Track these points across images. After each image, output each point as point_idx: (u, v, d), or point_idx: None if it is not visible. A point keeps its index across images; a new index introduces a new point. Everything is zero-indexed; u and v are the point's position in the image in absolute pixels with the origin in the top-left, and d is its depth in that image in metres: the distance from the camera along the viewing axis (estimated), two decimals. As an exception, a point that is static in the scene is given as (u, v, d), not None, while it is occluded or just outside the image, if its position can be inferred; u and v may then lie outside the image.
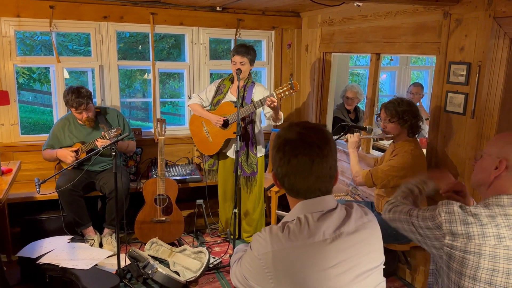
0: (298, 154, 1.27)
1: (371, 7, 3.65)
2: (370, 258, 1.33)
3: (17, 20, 3.79)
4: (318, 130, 1.33)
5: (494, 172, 1.47)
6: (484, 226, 1.39)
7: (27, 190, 3.76)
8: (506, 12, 2.55)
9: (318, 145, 1.28)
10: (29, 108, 11.14)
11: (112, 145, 2.99)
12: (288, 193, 1.37)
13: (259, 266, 1.27)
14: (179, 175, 4.15)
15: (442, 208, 1.45)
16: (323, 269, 1.23)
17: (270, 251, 1.24)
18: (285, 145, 1.30)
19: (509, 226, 1.40)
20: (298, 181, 1.30)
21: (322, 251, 1.24)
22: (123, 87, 11.00)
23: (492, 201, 1.46)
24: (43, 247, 3.30)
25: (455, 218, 1.42)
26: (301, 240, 1.24)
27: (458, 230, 1.40)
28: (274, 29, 4.70)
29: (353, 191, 3.92)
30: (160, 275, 3.11)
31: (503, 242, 1.37)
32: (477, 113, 2.78)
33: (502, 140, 1.49)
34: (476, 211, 1.43)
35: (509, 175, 1.45)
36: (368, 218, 1.39)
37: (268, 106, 3.35)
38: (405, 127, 2.96)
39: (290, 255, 1.24)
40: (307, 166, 1.27)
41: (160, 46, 9.44)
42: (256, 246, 1.29)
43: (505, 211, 1.42)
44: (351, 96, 4.67)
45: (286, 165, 1.29)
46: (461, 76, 2.88)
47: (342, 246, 1.27)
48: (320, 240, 1.25)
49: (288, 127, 1.35)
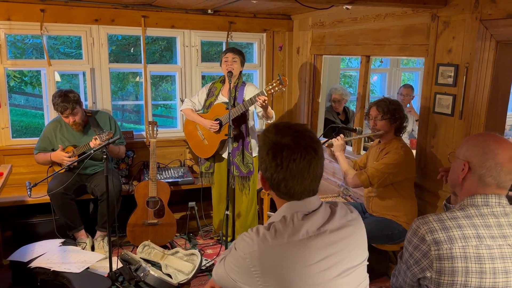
0: (296, 158, 1.28)
1: (361, 10, 3.69)
2: (354, 255, 1.36)
3: (7, 23, 3.78)
4: (309, 132, 1.35)
5: (461, 174, 1.50)
6: (463, 228, 1.42)
7: (19, 193, 3.75)
8: (492, 14, 2.60)
9: (313, 147, 1.31)
10: (20, 112, 11.07)
11: (103, 148, 3.00)
12: (281, 196, 1.38)
13: (245, 265, 1.28)
14: (171, 177, 4.16)
15: (419, 222, 1.48)
16: (307, 265, 1.26)
17: (257, 250, 1.26)
18: (281, 150, 1.29)
19: (486, 225, 1.42)
20: (296, 185, 1.31)
21: (305, 248, 1.27)
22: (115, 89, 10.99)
23: (466, 202, 1.49)
24: (35, 251, 3.29)
25: (434, 226, 1.44)
26: (286, 238, 1.27)
27: (440, 237, 1.42)
28: (265, 32, 4.73)
29: (345, 192, 3.94)
30: (152, 278, 3.11)
31: (483, 242, 1.40)
32: (465, 114, 2.82)
33: (467, 142, 1.53)
34: (453, 215, 1.46)
35: (473, 176, 1.48)
36: (352, 216, 1.43)
37: (260, 105, 3.38)
38: (394, 126, 3.02)
39: (275, 253, 1.26)
40: (305, 170, 1.29)
41: (152, 48, 9.44)
42: (242, 245, 1.30)
43: (480, 211, 1.45)
44: (338, 98, 4.71)
45: (284, 171, 1.29)
46: (449, 78, 2.92)
47: (325, 242, 1.30)
48: (304, 238, 1.28)
49: (276, 131, 1.34)
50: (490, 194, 1.47)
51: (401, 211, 3.01)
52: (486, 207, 1.46)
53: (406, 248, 1.55)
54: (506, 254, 1.40)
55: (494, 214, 1.45)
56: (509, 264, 1.39)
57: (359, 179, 3.01)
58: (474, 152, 1.48)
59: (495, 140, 1.47)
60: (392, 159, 2.94)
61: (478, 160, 1.47)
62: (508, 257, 1.40)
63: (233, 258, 1.33)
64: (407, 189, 3.02)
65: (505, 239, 1.41)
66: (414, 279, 1.53)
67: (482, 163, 1.46)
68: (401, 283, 1.63)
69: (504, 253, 1.40)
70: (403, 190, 3.00)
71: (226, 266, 1.37)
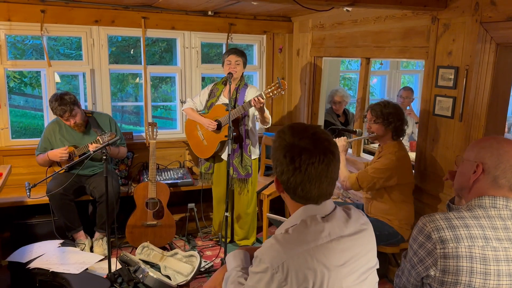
0: (315, 162, 1.26)
1: (361, 12, 3.69)
2: (368, 258, 1.37)
3: (7, 24, 3.78)
4: (326, 134, 1.34)
5: (473, 176, 1.50)
6: (470, 228, 1.42)
7: (18, 194, 3.74)
8: (492, 17, 2.60)
9: (331, 150, 1.30)
10: (20, 112, 11.07)
11: (103, 149, 2.99)
12: (297, 200, 1.35)
13: (276, 282, 1.22)
14: (170, 179, 4.15)
15: (426, 220, 1.48)
16: (334, 268, 1.25)
17: (285, 260, 1.22)
18: (300, 154, 1.27)
19: (492, 227, 1.42)
20: (313, 189, 1.29)
21: (330, 251, 1.26)
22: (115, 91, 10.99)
23: (474, 203, 1.49)
24: (34, 252, 3.28)
25: (441, 225, 1.44)
26: (312, 242, 1.25)
27: (447, 235, 1.42)
28: (265, 34, 4.73)
29: (344, 194, 3.94)
30: (151, 279, 3.11)
31: (489, 243, 1.40)
32: (465, 117, 2.82)
33: (478, 145, 1.52)
34: (460, 214, 1.46)
35: (487, 178, 1.48)
36: (364, 219, 1.44)
37: (254, 106, 3.37)
38: (389, 129, 3.01)
39: (306, 258, 1.23)
40: (323, 173, 1.28)
41: (152, 50, 9.44)
42: (268, 259, 1.24)
43: (487, 212, 1.45)
44: (339, 100, 4.71)
45: (302, 174, 1.27)
46: (449, 80, 2.92)
47: (346, 245, 1.30)
48: (327, 241, 1.27)
49: (293, 133, 1.32)
50: (498, 196, 1.46)
51: (393, 215, 3.02)
52: (494, 209, 1.46)
53: (411, 246, 1.54)
54: (511, 257, 1.40)
55: (501, 217, 1.45)
56: None
57: (350, 181, 3.04)
58: (488, 154, 1.47)
59: (508, 143, 1.48)
60: (382, 164, 2.95)
61: (492, 161, 1.46)
62: None
63: (259, 280, 1.26)
64: (400, 195, 3.00)
65: (511, 242, 1.41)
66: (418, 278, 1.53)
67: (497, 165, 1.45)
68: (405, 283, 1.62)
69: (509, 256, 1.40)
70: (395, 195, 3.00)
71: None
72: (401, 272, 1.63)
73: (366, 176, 2.97)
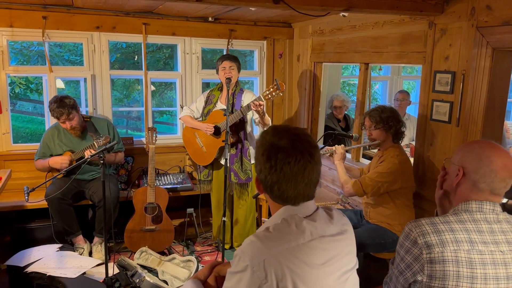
0: (291, 161, 1.27)
1: (359, 17, 3.70)
2: (349, 259, 1.37)
3: (10, 30, 3.83)
4: (307, 136, 1.34)
5: (455, 180, 1.50)
6: (455, 232, 1.41)
7: (18, 198, 3.77)
8: (488, 22, 2.59)
9: (310, 152, 1.29)
10: (26, 118, 11.19)
11: (100, 154, 3.01)
12: (275, 200, 1.36)
13: (256, 280, 1.22)
14: (170, 183, 4.16)
15: (412, 225, 1.47)
16: (315, 267, 1.26)
17: (266, 258, 1.22)
18: (276, 152, 1.28)
19: (478, 231, 1.42)
20: (289, 189, 1.29)
21: (312, 250, 1.26)
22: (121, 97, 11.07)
23: (461, 207, 1.48)
24: (32, 256, 3.30)
25: (426, 230, 1.43)
26: (293, 241, 1.25)
27: (432, 240, 1.41)
28: (266, 39, 4.75)
29: (344, 200, 3.92)
30: (148, 284, 3.11)
31: (475, 246, 1.39)
32: (462, 122, 2.80)
33: (463, 149, 1.53)
34: (445, 219, 1.45)
35: (467, 181, 1.48)
36: (345, 220, 1.45)
37: (255, 110, 3.38)
38: (390, 133, 3.00)
39: (286, 257, 1.23)
40: (299, 174, 1.28)
41: (157, 56, 9.51)
42: (248, 257, 1.23)
43: (473, 216, 1.44)
44: (339, 105, 4.71)
45: (278, 173, 1.28)
46: (446, 85, 2.91)
47: (328, 245, 1.30)
48: (309, 240, 1.27)
49: (274, 133, 1.33)
50: (484, 200, 1.46)
51: (396, 220, 2.99)
52: (480, 213, 1.45)
53: (398, 252, 1.54)
54: (498, 260, 1.39)
55: (487, 221, 1.44)
56: (500, 271, 1.38)
57: (353, 188, 3.01)
58: (469, 158, 1.48)
59: (491, 147, 1.48)
60: (385, 168, 2.93)
61: (473, 166, 1.47)
62: (500, 264, 1.39)
63: (238, 280, 1.25)
64: (403, 199, 2.99)
65: (497, 246, 1.40)
66: (406, 284, 1.52)
67: (477, 169, 1.46)
68: None
69: (496, 259, 1.39)
70: (398, 199, 2.98)
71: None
72: (389, 278, 1.62)
73: (370, 181, 2.95)
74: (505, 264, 1.39)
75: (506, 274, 1.38)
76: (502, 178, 1.44)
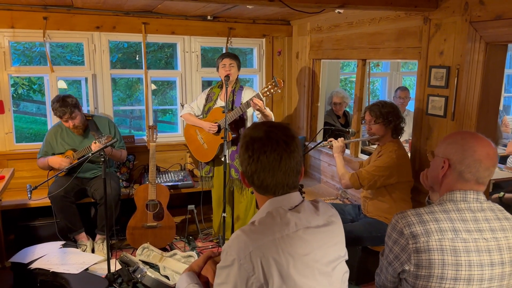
0: (267, 151, 1.32)
1: (356, 14, 3.73)
2: (336, 249, 1.40)
3: (11, 31, 3.89)
4: (284, 128, 1.39)
5: (441, 172, 1.54)
6: (439, 221, 1.45)
7: (21, 197, 3.83)
8: (481, 16, 2.62)
9: (285, 141, 1.34)
10: (30, 119, 11.28)
11: (101, 151, 3.06)
12: (257, 190, 1.41)
13: (244, 273, 1.25)
14: (171, 181, 4.21)
15: (398, 217, 1.53)
16: (301, 256, 1.29)
17: (252, 250, 1.25)
18: (253, 143, 1.34)
19: (462, 219, 1.46)
20: (268, 177, 1.34)
21: (297, 241, 1.29)
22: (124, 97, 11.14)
23: (445, 197, 1.52)
24: (35, 253, 3.35)
25: (412, 220, 1.48)
26: (277, 232, 1.29)
27: (417, 230, 1.46)
28: (264, 37, 4.79)
29: (343, 195, 3.96)
30: (149, 279, 3.16)
31: (459, 235, 1.43)
32: (457, 116, 2.83)
33: (446, 141, 1.56)
34: (430, 209, 1.50)
35: (453, 173, 1.51)
36: (333, 211, 1.47)
37: (255, 108, 3.43)
38: (389, 128, 3.04)
39: (272, 248, 1.26)
40: (276, 162, 1.33)
41: (158, 56, 9.56)
42: (234, 251, 1.27)
43: (457, 205, 1.48)
44: (339, 101, 4.73)
45: (255, 163, 1.34)
46: (441, 80, 2.94)
47: (312, 236, 1.33)
48: (294, 231, 1.30)
49: (253, 127, 1.41)
50: (469, 190, 1.50)
51: (393, 214, 3.02)
52: (464, 202, 1.49)
53: (387, 243, 1.58)
54: (481, 247, 1.43)
55: (471, 209, 1.48)
56: (484, 257, 1.42)
57: (350, 180, 3.05)
58: (453, 150, 1.51)
59: (473, 138, 1.51)
60: (383, 162, 2.97)
61: (457, 157, 1.50)
62: (483, 251, 1.43)
63: (226, 273, 1.29)
64: (400, 193, 3.03)
65: (480, 233, 1.44)
66: (395, 274, 1.56)
67: (462, 160, 1.49)
68: (383, 280, 1.65)
69: (480, 247, 1.43)
70: (395, 193, 3.02)
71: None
72: (380, 270, 1.66)
73: (367, 174, 2.99)
74: (489, 251, 1.42)
75: (490, 261, 1.42)
76: (486, 167, 1.47)
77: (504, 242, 1.45)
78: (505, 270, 1.44)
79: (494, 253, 1.43)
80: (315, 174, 4.61)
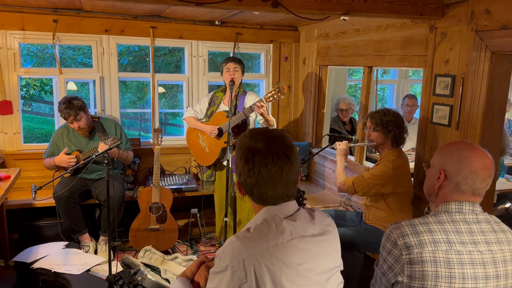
0: (268, 164, 1.29)
1: (363, 21, 3.72)
2: (332, 259, 1.38)
3: (21, 33, 3.95)
4: (282, 137, 1.36)
5: (437, 182, 1.52)
6: (433, 233, 1.43)
7: (26, 197, 3.87)
8: (487, 25, 2.60)
9: (285, 153, 1.31)
10: (42, 120, 11.44)
11: (105, 153, 3.08)
12: (256, 201, 1.39)
13: (236, 280, 1.24)
14: (175, 184, 4.23)
15: (392, 227, 1.51)
16: (295, 266, 1.27)
17: (246, 257, 1.24)
18: (253, 156, 1.30)
19: (457, 231, 1.44)
20: (269, 190, 1.32)
21: (291, 249, 1.28)
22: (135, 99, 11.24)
23: (440, 208, 1.51)
24: (38, 252, 3.39)
25: (406, 231, 1.47)
26: (272, 240, 1.27)
27: (411, 241, 1.44)
28: (272, 43, 4.80)
29: (346, 202, 3.94)
30: (149, 282, 3.17)
31: (453, 247, 1.41)
32: (461, 125, 2.80)
33: (442, 151, 1.54)
34: (425, 220, 1.48)
35: (449, 184, 1.49)
36: (329, 221, 1.45)
37: (257, 112, 3.43)
38: (389, 137, 3.01)
39: (266, 256, 1.25)
40: (277, 175, 1.30)
41: (168, 59, 9.64)
42: (228, 257, 1.26)
43: (452, 217, 1.46)
44: (345, 108, 4.72)
45: (256, 176, 1.30)
46: (446, 89, 2.91)
47: (307, 245, 1.31)
48: (289, 239, 1.29)
49: (251, 136, 1.36)
50: (464, 201, 1.48)
51: (390, 223, 3.00)
52: (459, 213, 1.47)
53: (381, 253, 1.56)
54: (476, 260, 1.41)
55: (466, 221, 1.46)
56: (478, 270, 1.40)
57: (345, 184, 3.07)
58: (449, 160, 1.50)
59: (469, 148, 1.49)
60: (378, 171, 2.96)
61: (453, 168, 1.48)
62: (478, 263, 1.41)
63: (219, 279, 1.27)
64: (398, 203, 2.99)
65: (475, 246, 1.42)
66: (388, 285, 1.54)
67: (458, 171, 1.47)
68: None
69: (474, 259, 1.41)
70: (393, 203, 2.99)
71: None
72: (374, 280, 1.65)
73: (362, 181, 2.99)
74: (483, 264, 1.40)
75: (484, 273, 1.40)
76: (482, 178, 1.45)
77: (500, 255, 1.43)
78: (500, 283, 1.41)
79: (489, 266, 1.41)
80: (319, 180, 4.60)
